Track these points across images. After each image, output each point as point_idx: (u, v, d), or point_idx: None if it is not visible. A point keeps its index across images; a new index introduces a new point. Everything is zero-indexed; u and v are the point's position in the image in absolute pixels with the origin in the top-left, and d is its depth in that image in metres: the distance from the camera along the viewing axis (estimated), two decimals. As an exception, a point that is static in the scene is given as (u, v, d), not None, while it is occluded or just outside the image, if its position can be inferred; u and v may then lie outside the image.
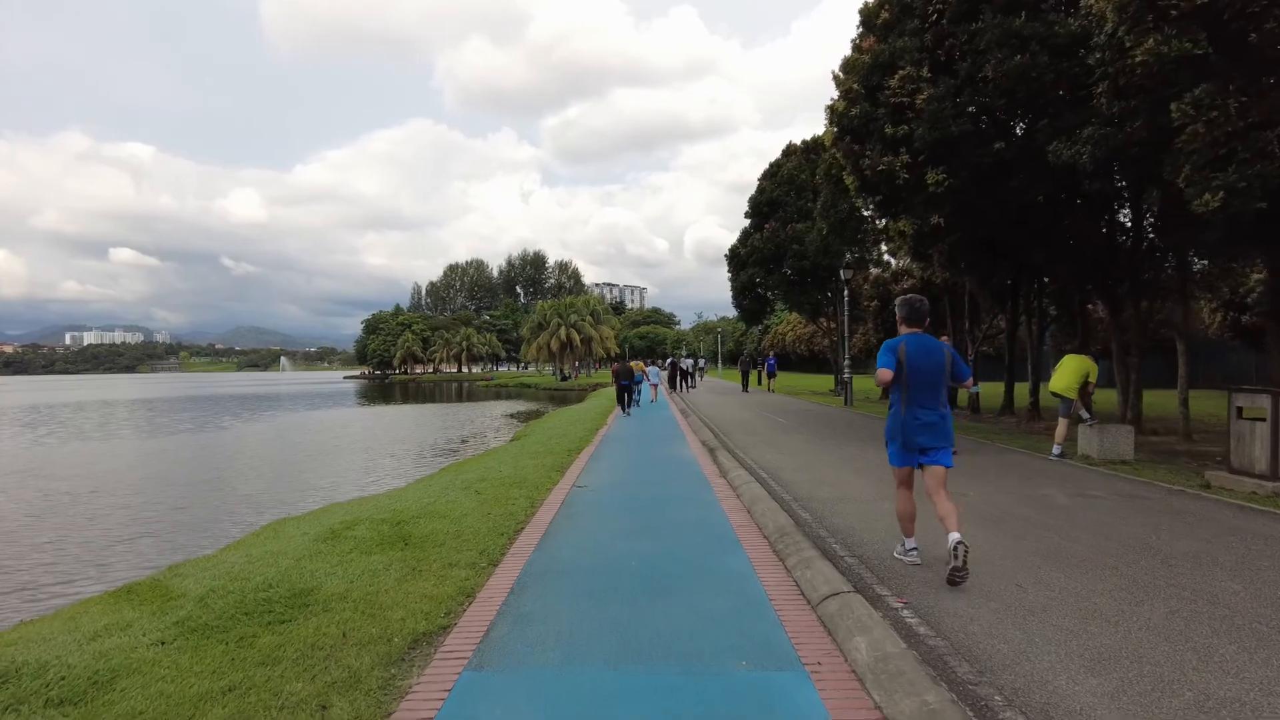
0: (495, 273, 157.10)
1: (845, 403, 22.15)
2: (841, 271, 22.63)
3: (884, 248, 26.31)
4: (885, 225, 17.93)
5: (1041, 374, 17.75)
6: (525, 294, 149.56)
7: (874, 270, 28.00)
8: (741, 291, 31.92)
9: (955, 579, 4.48)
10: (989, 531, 6.03)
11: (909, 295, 5.10)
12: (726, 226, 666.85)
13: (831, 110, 13.35)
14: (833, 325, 33.39)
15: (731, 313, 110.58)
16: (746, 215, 31.83)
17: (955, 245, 14.41)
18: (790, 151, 31.13)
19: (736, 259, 32.14)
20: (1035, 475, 8.78)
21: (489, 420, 31.24)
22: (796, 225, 29.01)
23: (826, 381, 36.55)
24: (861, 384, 29.83)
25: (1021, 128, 11.80)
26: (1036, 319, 17.55)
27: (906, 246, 14.15)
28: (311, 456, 19.00)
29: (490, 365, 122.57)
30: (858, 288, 29.99)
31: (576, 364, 77.54)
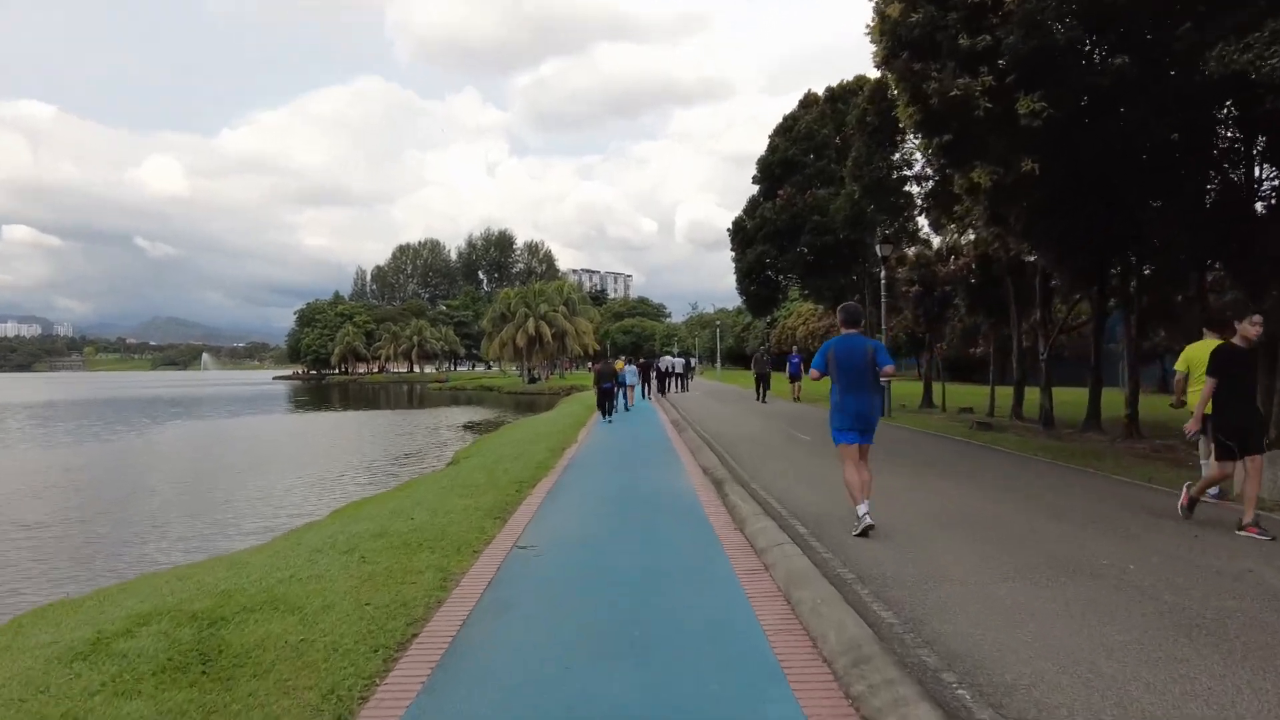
0: (454, 255, 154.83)
1: (881, 412, 20.22)
2: (879, 247, 20.72)
3: (923, 220, 24.48)
4: (949, 180, 15.87)
5: (1139, 376, 15.89)
6: (489, 280, 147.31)
7: (910, 250, 26.13)
8: (748, 274, 30.07)
9: (866, 536, 6.47)
10: (1205, 652, 4.00)
11: (846, 303, 7.47)
12: (725, 205, 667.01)
13: (880, 18, 11.36)
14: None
15: (731, 303, 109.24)
16: (755, 180, 29.99)
17: (1040, 204, 12.46)
18: (809, 102, 29.29)
19: (742, 234, 30.27)
20: (1201, 531, 6.80)
21: (435, 433, 29.14)
22: (817, 191, 27.22)
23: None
24: (902, 389, 27.81)
25: (1150, 36, 9.85)
26: (1134, 307, 15.68)
27: (981, 206, 12.18)
28: (193, 482, 16.82)
29: (447, 364, 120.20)
30: (891, 270, 28.16)
31: (547, 363, 75.38)
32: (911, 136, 19.13)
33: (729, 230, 31.17)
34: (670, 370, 34.97)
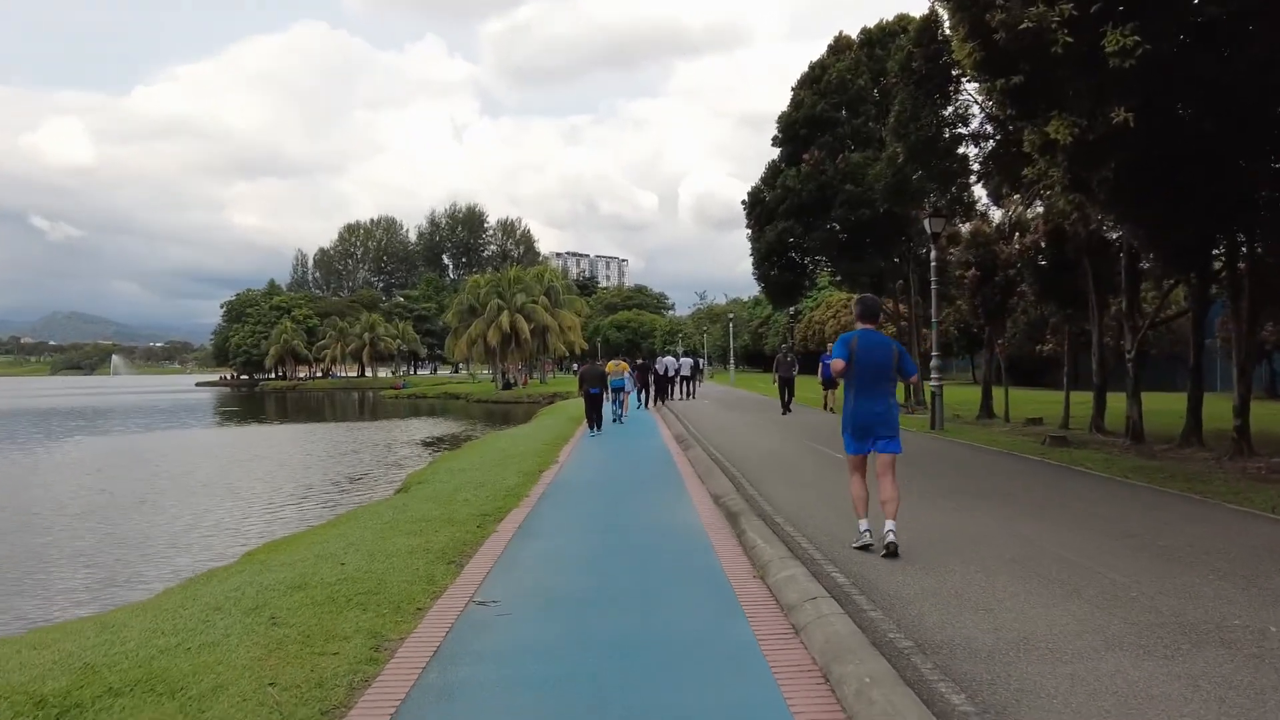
0: (413, 236, 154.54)
1: (933, 425, 19.82)
2: (928, 222, 20.22)
3: (980, 190, 23.98)
4: (1016, 137, 15.33)
5: (1250, 379, 15.44)
6: (456, 266, 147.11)
7: (964, 226, 25.66)
8: (767, 256, 29.62)
9: (889, 551, 6.98)
10: None
11: (864, 295, 7.97)
12: (739, 175, 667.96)
13: (933, -66, 10.88)
14: (903, 308, 31.16)
15: (747, 292, 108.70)
16: (775, 142, 29.57)
17: (1132, 165, 11.99)
18: (841, 47, 28.89)
19: (760, 207, 29.82)
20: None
21: (386, 450, 28.66)
22: (851, 155, 26.77)
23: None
24: (956, 396, 27.27)
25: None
26: (1244, 293, 15.23)
27: (1059, 168, 11.66)
28: (85, 515, 16.34)
29: (405, 367, 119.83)
30: (943, 250, 27.72)
31: (525, 365, 74.90)
32: (969, 83, 18.68)
33: (744, 204, 30.68)
34: (672, 373, 34.47)
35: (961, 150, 19.89)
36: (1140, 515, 9.02)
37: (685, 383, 36.85)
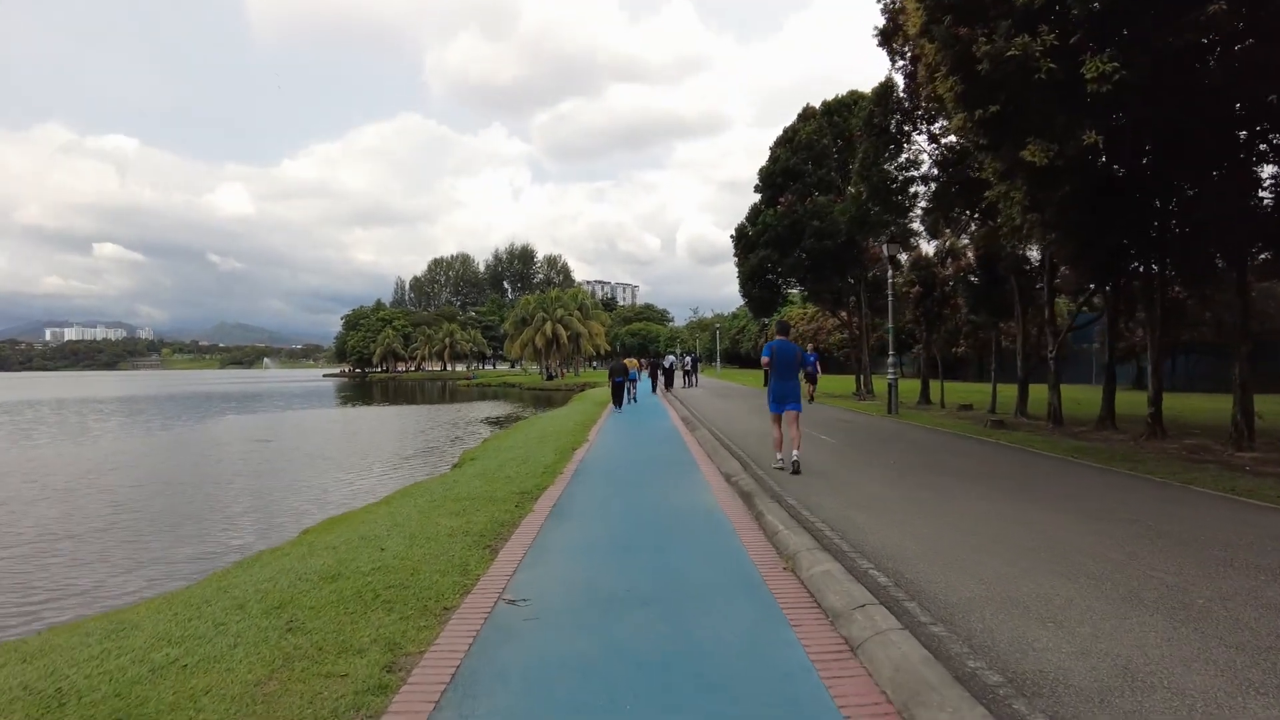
0: (482, 267, 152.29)
1: (889, 410, 17.91)
2: (885, 247, 18.37)
3: (919, 224, 22.07)
4: (955, 178, 13.61)
5: (1162, 373, 13.47)
6: (513, 289, 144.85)
7: (903, 256, 23.69)
8: (750, 278, 27.62)
9: (795, 470, 8.56)
10: None
11: (780, 320, 10.20)
12: (720, 224, 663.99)
13: (918, -16, 8.99)
14: (855, 319, 29.21)
15: (727, 309, 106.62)
16: (757, 188, 27.62)
17: (1083, 188, 10.08)
18: (808, 115, 26.91)
19: (744, 240, 27.87)
20: None
21: (456, 427, 26.85)
22: (818, 198, 24.84)
23: (844, 384, 32.30)
24: (913, 385, 25.13)
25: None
26: (1158, 300, 13.27)
27: (1019, 190, 9.79)
28: (198, 487, 14.57)
29: (475, 363, 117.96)
30: (884, 273, 25.83)
31: (563, 362, 73.04)
32: (933, 126, 16.81)
33: (732, 237, 28.76)
34: (675, 367, 33.26)
35: (914, 189, 18.06)
36: (1120, 498, 7.12)
37: (688, 375, 35.33)
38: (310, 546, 5.92)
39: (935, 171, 17.22)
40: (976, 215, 18.37)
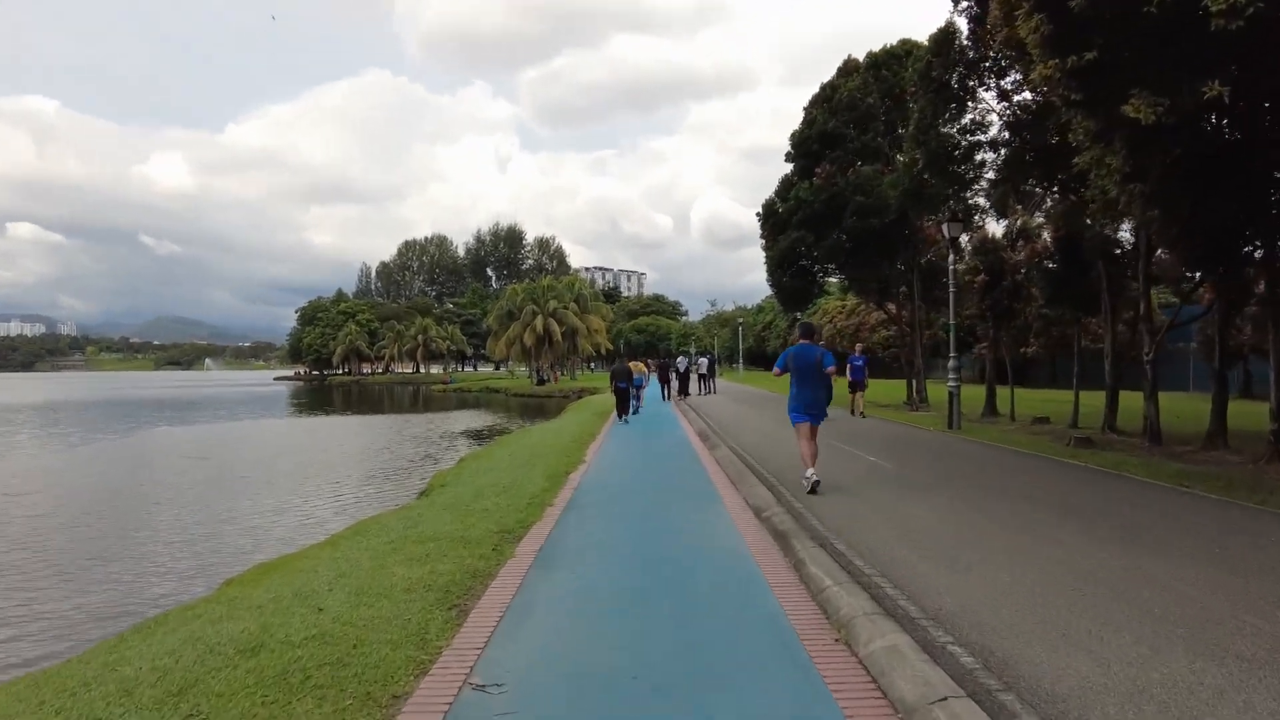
0: (461, 252, 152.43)
1: (950, 424, 17.43)
2: (946, 227, 17.87)
3: (985, 200, 21.62)
4: (1031, 143, 13.09)
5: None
6: (498, 277, 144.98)
7: (965, 237, 23.21)
8: (780, 264, 27.18)
9: (815, 491, 8.91)
10: None
11: (803, 321, 12.19)
12: (742, 201, 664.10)
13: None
14: (905, 313, 28.75)
15: (752, 300, 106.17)
16: (788, 157, 27.18)
17: (1188, 155, 9.58)
18: (850, 70, 26.46)
19: (773, 218, 27.45)
20: None
21: (428, 443, 26.47)
22: (861, 168, 24.36)
23: (891, 390, 31.80)
24: (975, 392, 24.56)
25: None
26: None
27: (1116, 154, 9.28)
28: (115, 518, 14.22)
29: (453, 365, 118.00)
30: (942, 257, 25.34)
31: (555, 364, 72.79)
32: (987, 90, 16.36)
33: (758, 215, 28.27)
34: (688, 370, 32.91)
35: (978, 157, 17.57)
36: (1257, 542, 6.63)
37: (703, 380, 34.97)
38: (231, 604, 5.51)
39: (1006, 135, 16.77)
40: (1056, 188, 17.94)
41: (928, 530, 7.12)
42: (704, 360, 37.18)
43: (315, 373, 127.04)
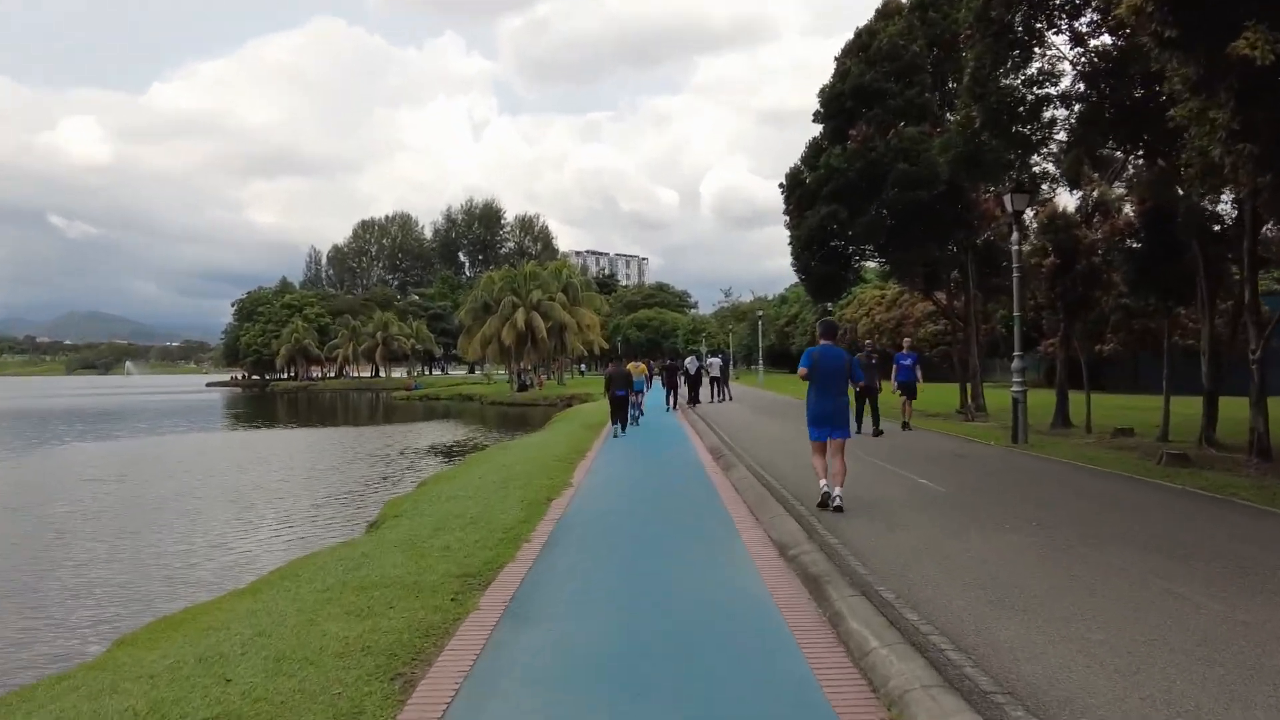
0: (429, 233, 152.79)
1: (1015, 437, 17.09)
2: (1009, 200, 17.45)
3: (1054, 166, 21.32)
4: (1169, 74, 12.64)
5: None
6: (472, 263, 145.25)
7: (1031, 213, 22.91)
8: (808, 245, 26.93)
9: (837, 509, 9.29)
10: None
11: (824, 318, 11.16)
12: (761, 171, 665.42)
13: None
14: (956, 303, 28.47)
15: (774, 289, 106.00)
16: (816, 118, 26.97)
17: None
18: (891, 11, 26.29)
19: (799, 190, 27.19)
20: None
21: (385, 462, 26.22)
22: (905, 129, 24.07)
23: (941, 396, 31.47)
24: (1041, 398, 24.12)
25: None
26: None
27: (1223, 108, 8.94)
28: (56, 540, 13.94)
29: (419, 367, 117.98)
30: (1002, 237, 25.05)
31: (539, 366, 72.62)
32: (1058, 34, 16.04)
33: (781, 186, 27.99)
34: (700, 372, 32.71)
35: (1047, 114, 17.24)
36: None
37: (716, 384, 34.73)
38: (118, 673, 5.16)
39: (1081, 87, 16.45)
40: (1141, 151, 17.63)
41: (997, 573, 6.77)
42: (716, 361, 37.07)
43: (256, 377, 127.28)
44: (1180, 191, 15.71)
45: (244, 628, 5.86)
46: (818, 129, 27.17)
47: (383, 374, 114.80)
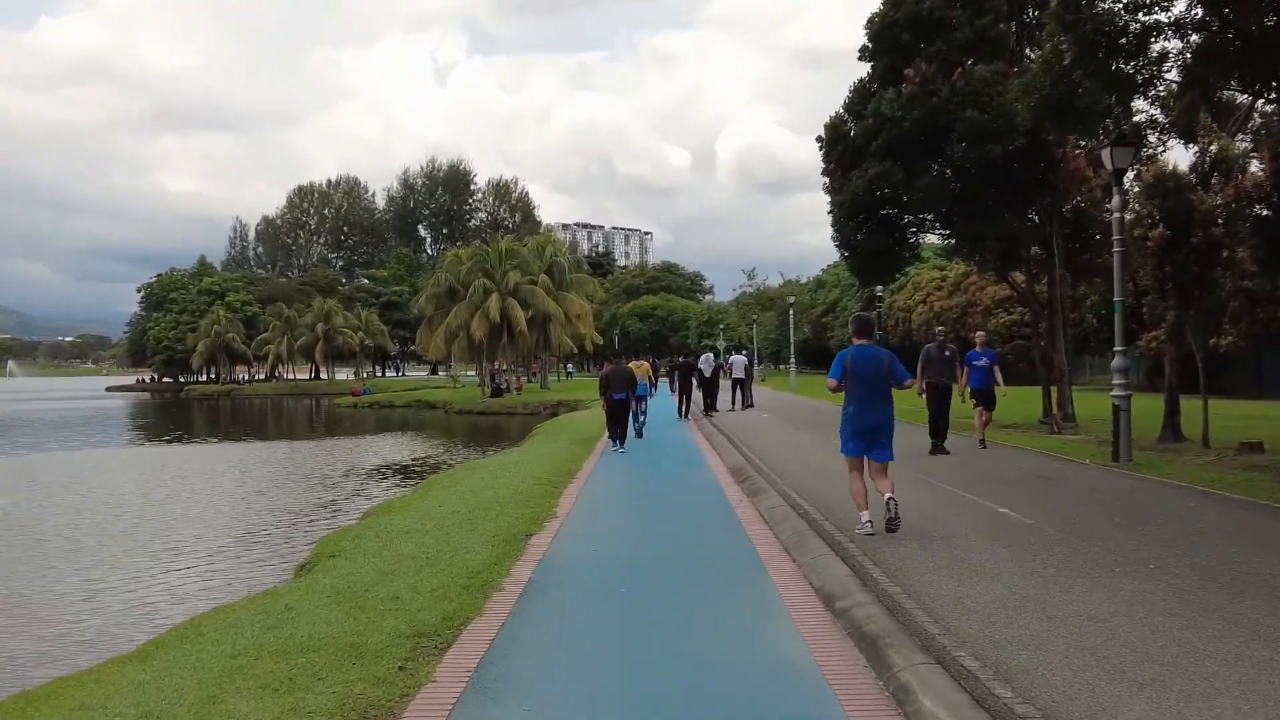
0: (382, 201, 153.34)
1: (1115, 454, 16.87)
2: (1109, 155, 17.09)
3: (1163, 114, 21.09)
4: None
5: None
6: (435, 239, 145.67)
7: (1131, 173, 22.75)
8: (852, 214, 26.85)
9: (891, 527, 9.54)
10: None
11: (858, 314, 11.42)
12: (791, 125, 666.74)
13: None
14: (1038, 286, 28.22)
15: (808, 272, 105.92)
16: (864, 54, 26.94)
17: None
18: (956, -81, 26.00)
19: (841, 145, 27.13)
20: None
21: (324, 486, 26.15)
22: (973, 68, 23.87)
23: (1021, 402, 31.19)
24: (1144, 405, 23.66)
25: None
26: None
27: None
28: None
29: (372, 367, 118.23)
30: (1096, 204, 24.82)
31: (517, 365, 72.65)
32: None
33: (819, 140, 27.80)
34: (717, 373, 32.81)
35: (1155, 47, 17.05)
36: None
37: (738, 387, 34.70)
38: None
39: (1199, 13, 16.28)
40: (1274, 94, 17.43)
41: (1111, 632, 6.50)
42: (739, 359, 37.13)
43: (168, 380, 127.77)
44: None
45: (126, 706, 5.62)
46: (865, 69, 27.18)
47: (324, 376, 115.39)
